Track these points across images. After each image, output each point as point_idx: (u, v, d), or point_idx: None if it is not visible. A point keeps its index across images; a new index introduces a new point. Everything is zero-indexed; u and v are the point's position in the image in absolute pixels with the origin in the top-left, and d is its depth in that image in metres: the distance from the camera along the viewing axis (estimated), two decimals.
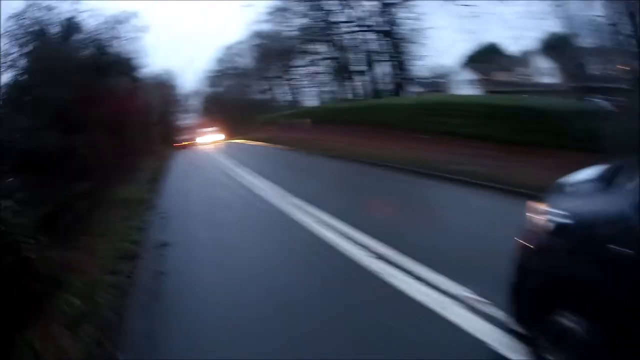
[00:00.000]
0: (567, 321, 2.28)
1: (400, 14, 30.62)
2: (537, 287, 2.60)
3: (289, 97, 55.04)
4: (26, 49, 10.74)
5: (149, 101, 30.40)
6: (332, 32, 33.80)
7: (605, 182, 2.39)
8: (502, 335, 2.94)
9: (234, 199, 11.05)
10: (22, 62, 10.73)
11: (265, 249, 6.77)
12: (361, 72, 35.22)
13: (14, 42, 10.62)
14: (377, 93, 32.54)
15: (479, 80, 40.69)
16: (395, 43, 30.80)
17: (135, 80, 19.10)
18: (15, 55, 10.52)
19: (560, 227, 2.44)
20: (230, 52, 60.86)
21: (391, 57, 31.74)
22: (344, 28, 34.00)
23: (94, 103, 11.49)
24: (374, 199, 8.71)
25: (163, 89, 47.45)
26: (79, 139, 10.25)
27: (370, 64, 34.16)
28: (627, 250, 1.91)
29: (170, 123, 53.98)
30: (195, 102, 68.16)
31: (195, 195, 12.71)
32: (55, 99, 9.76)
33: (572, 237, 2.39)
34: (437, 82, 49.51)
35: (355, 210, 7.74)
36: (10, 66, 10.35)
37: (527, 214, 2.76)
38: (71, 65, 11.06)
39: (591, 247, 2.23)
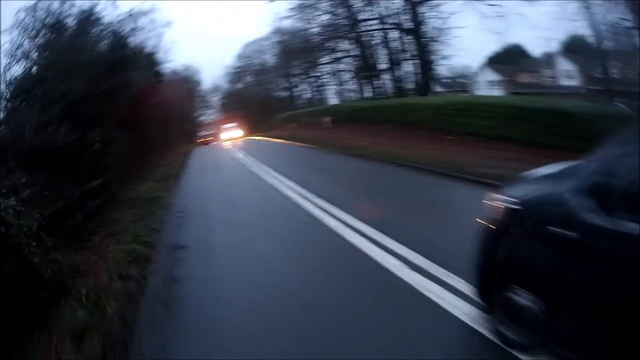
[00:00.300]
0: (519, 297, 2.68)
1: (426, 12, 30.05)
2: (493, 265, 2.99)
3: (309, 95, 54.73)
4: (39, 41, 10.30)
5: (170, 97, 30.11)
6: (356, 30, 33.15)
7: (560, 176, 2.73)
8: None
9: (255, 198, 10.51)
10: (34, 54, 10.28)
11: (292, 254, 6.11)
12: (384, 71, 34.62)
13: (25, 34, 10.15)
14: (400, 92, 31.95)
15: (501, 82, 40.76)
16: (420, 42, 30.09)
17: (156, 75, 18.61)
18: (26, 47, 10.06)
19: (510, 212, 2.84)
20: (250, 48, 60.85)
21: (415, 56, 31.06)
22: (369, 25, 33.44)
23: (110, 97, 11.04)
24: (400, 201, 8.15)
25: (184, 84, 47.33)
26: (92, 134, 9.79)
27: (393, 62, 33.54)
28: (564, 231, 2.31)
29: (190, 119, 54.02)
30: (215, 99, 68.20)
31: (214, 194, 12.14)
32: (68, 92, 9.31)
33: (519, 220, 2.76)
34: (459, 82, 48.92)
35: (383, 213, 7.06)
36: (21, 58, 9.90)
37: (486, 201, 3.16)
38: (86, 57, 10.62)
39: (534, 229, 2.62)
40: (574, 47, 33.38)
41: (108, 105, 10.83)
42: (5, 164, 7.64)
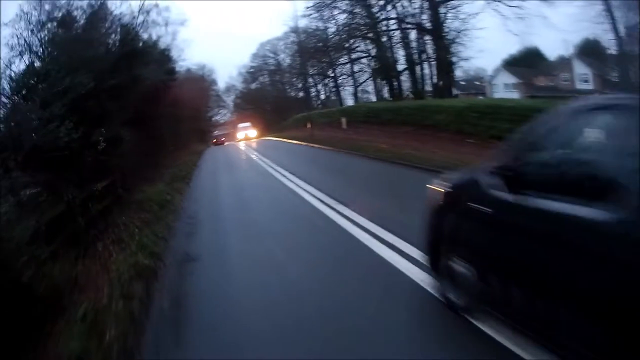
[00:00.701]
0: (457, 265, 3.30)
1: (446, 12, 29.35)
2: (436, 238, 3.68)
3: (325, 95, 54.22)
4: (44, 34, 9.69)
5: (184, 95, 29.60)
6: (375, 29, 32.40)
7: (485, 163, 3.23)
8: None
9: (272, 203, 9.75)
10: (38, 48, 9.66)
11: (317, 271, 5.24)
12: (402, 72, 33.92)
13: (29, 26, 9.54)
14: (418, 93, 31.28)
15: (517, 84, 40.27)
16: (440, 42, 29.34)
17: (169, 72, 17.99)
18: (30, 40, 9.45)
19: (446, 194, 3.58)
20: (266, 48, 60.46)
21: (435, 57, 30.32)
22: (388, 25, 32.76)
23: (118, 93, 10.39)
24: (417, 205, 7.35)
25: (199, 83, 46.88)
26: (97, 133, 9.13)
27: (412, 63, 32.82)
28: (480, 207, 2.96)
29: (204, 118, 53.62)
30: (229, 99, 67.81)
31: (228, 197, 11.41)
32: (72, 87, 8.68)
33: (452, 200, 3.52)
34: (475, 85, 48.21)
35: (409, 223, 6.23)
36: (24, 52, 9.28)
37: (429, 186, 3.88)
38: (93, 50, 9.99)
39: (461, 207, 3.30)
40: (588, 51, 34.45)
41: (116, 102, 10.17)
42: (2, 164, 7.05)
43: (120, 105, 10.39)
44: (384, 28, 32.94)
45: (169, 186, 13.43)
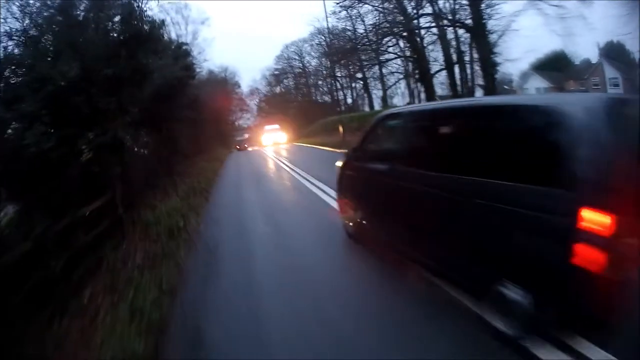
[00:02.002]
0: (349, 204, 6.10)
1: (488, 9, 26.79)
2: (341, 191, 6.55)
3: (352, 99, 51.94)
4: (24, 11, 7.36)
5: (205, 97, 27.51)
6: (410, 27, 29.88)
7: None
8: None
9: (319, 234, 7.13)
10: (20, 31, 7.30)
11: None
12: (439, 71, 31.48)
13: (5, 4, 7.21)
14: (457, 96, 28.75)
15: (550, 89, 39.74)
16: (482, 41, 26.73)
17: (187, 67, 15.66)
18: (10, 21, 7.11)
19: (344, 161, 6.30)
20: (290, 50, 58.77)
21: (479, 57, 27.72)
22: (424, 23, 30.35)
23: (118, 88, 8.00)
24: None
25: (220, 85, 44.96)
26: (85, 138, 6.76)
27: (451, 64, 30.26)
28: (349, 169, 6.17)
29: (227, 122, 51.69)
30: (252, 102, 65.91)
31: (257, 220, 8.82)
32: (49, 78, 6.39)
33: (342, 165, 6.34)
34: (505, 89, 46.16)
35: None
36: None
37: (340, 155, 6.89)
38: (83, 32, 7.62)
39: (347, 169, 6.20)
40: (612, 54, 35.24)
41: (115, 98, 7.76)
42: None
43: (120, 103, 8.01)
44: (421, 26, 30.42)
45: (184, 202, 11.09)
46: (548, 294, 3.02)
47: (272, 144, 36.92)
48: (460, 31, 29.65)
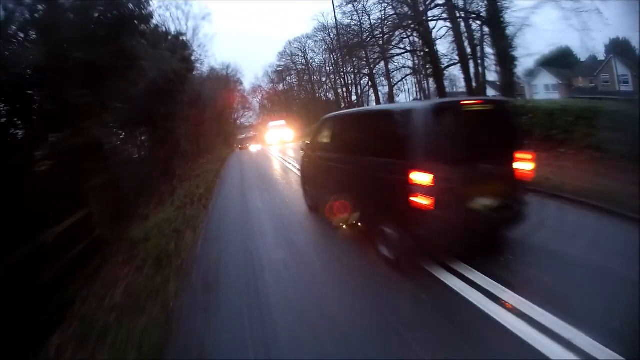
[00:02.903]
0: (305, 187, 8.81)
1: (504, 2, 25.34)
2: (303, 177, 9.00)
3: (360, 95, 50.58)
4: None
5: (205, 94, 26.06)
6: (422, 19, 28.39)
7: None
8: None
9: (346, 258, 5.64)
10: None
11: None
12: (450, 66, 30.05)
13: None
14: (472, 92, 27.39)
15: (558, 85, 39.87)
16: (499, 34, 25.24)
17: (184, 59, 14.13)
18: None
19: (303, 151, 8.83)
20: (293, 46, 57.61)
21: (495, 50, 26.23)
22: (436, 15, 28.88)
23: (97, 78, 6.44)
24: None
25: (222, 83, 43.49)
26: (41, 141, 5.26)
27: (465, 58, 28.76)
28: (305, 158, 8.63)
29: (228, 120, 50.26)
30: (255, 99, 64.53)
31: (266, 238, 7.20)
32: (13, 65, 4.90)
33: (305, 153, 8.61)
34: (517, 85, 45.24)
35: None
36: None
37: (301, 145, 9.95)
38: (48, 6, 6.08)
39: (306, 155, 8.44)
40: (617, 51, 34.40)
41: (93, 90, 6.21)
42: None
43: (99, 97, 6.48)
44: (435, 17, 28.99)
45: (179, 212, 9.56)
46: (405, 229, 4.70)
47: (278, 142, 33.84)
48: (474, 25, 28.34)
